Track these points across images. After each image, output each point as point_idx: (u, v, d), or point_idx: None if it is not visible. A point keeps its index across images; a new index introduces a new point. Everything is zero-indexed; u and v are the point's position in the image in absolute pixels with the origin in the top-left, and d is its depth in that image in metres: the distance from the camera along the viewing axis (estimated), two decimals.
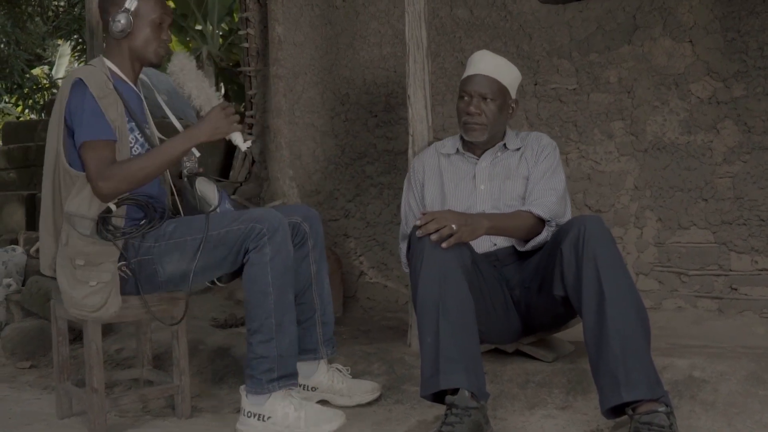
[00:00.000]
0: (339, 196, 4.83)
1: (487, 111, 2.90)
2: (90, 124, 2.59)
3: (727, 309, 3.84)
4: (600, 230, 2.45)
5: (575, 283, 2.45)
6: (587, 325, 2.40)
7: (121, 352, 3.72)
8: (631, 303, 2.36)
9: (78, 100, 2.61)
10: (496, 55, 2.99)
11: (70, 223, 2.58)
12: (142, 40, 2.78)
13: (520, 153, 2.97)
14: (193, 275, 2.67)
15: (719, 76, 3.90)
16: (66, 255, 2.59)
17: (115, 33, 2.75)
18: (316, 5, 4.88)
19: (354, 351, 3.37)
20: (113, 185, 2.57)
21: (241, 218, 2.65)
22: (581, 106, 4.18)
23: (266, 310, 2.62)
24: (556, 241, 2.58)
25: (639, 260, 4.04)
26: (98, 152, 2.58)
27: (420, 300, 2.46)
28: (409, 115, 3.31)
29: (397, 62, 4.62)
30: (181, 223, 2.72)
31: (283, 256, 2.63)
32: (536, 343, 3.10)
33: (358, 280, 4.76)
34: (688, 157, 3.96)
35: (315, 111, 4.90)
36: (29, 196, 6.87)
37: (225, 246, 2.64)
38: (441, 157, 3.08)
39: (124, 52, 2.80)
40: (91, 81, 2.63)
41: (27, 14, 7.39)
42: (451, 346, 2.38)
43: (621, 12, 4.11)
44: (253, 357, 2.64)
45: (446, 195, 2.99)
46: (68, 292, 2.62)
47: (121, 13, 2.74)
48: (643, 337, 2.33)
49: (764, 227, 3.80)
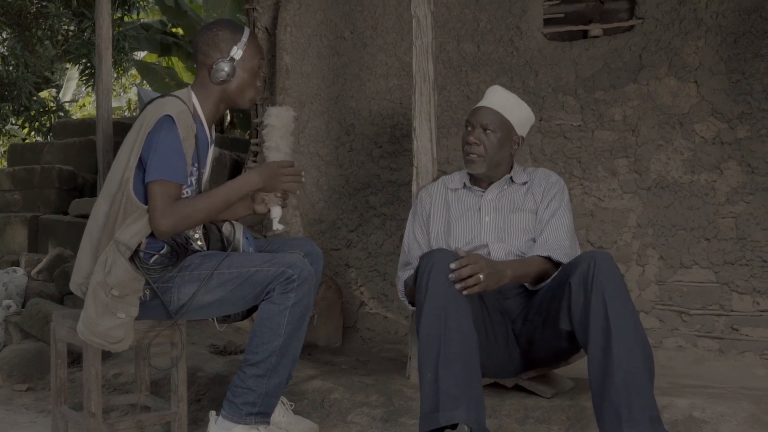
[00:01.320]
0: (341, 225, 4.83)
1: (486, 142, 2.91)
2: (170, 164, 2.58)
3: (728, 349, 3.83)
4: (609, 266, 2.45)
5: (582, 318, 2.44)
6: (592, 359, 2.39)
7: (119, 377, 3.70)
8: (638, 340, 2.35)
9: (164, 136, 2.59)
10: (509, 92, 3.00)
11: (119, 250, 2.56)
12: (239, 87, 2.78)
13: (526, 187, 2.98)
14: (209, 307, 2.67)
15: (724, 117, 3.92)
16: (104, 282, 2.54)
17: (216, 79, 2.74)
18: (324, 36, 4.92)
19: (352, 382, 3.35)
20: (173, 223, 2.56)
21: (273, 260, 2.63)
22: (585, 143, 4.20)
23: (271, 350, 2.61)
24: (564, 276, 2.58)
25: (640, 298, 4.03)
26: (168, 191, 2.57)
27: (422, 333, 2.46)
28: (413, 147, 3.32)
29: (403, 94, 4.65)
30: (207, 257, 2.71)
31: (303, 304, 2.62)
32: (536, 378, 3.08)
33: (359, 311, 4.75)
34: (691, 197, 3.97)
35: (320, 140, 4.92)
36: (32, 218, 6.88)
37: (252, 285, 2.62)
38: (448, 191, 3.10)
39: (215, 94, 2.79)
40: (180, 121, 2.62)
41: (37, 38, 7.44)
42: (452, 381, 2.36)
43: (627, 51, 4.14)
44: (241, 386, 2.64)
45: (451, 226, 3.00)
46: (94, 319, 2.56)
47: (225, 61, 2.73)
48: (648, 375, 2.32)
49: (766, 268, 3.80)
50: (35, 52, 7.47)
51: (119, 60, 7.93)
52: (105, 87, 4.00)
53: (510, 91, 3.01)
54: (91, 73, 7.66)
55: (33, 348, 4.04)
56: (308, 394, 3.25)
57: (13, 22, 7.25)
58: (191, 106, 2.71)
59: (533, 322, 2.76)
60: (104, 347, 2.62)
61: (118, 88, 16.99)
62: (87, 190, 7.41)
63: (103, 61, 3.96)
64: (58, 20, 7.12)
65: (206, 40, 2.78)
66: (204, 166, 2.80)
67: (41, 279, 5.36)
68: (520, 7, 4.40)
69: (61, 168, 7.38)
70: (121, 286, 2.54)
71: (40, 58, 7.57)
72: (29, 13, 7.31)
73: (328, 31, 4.92)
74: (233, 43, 2.75)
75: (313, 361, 3.95)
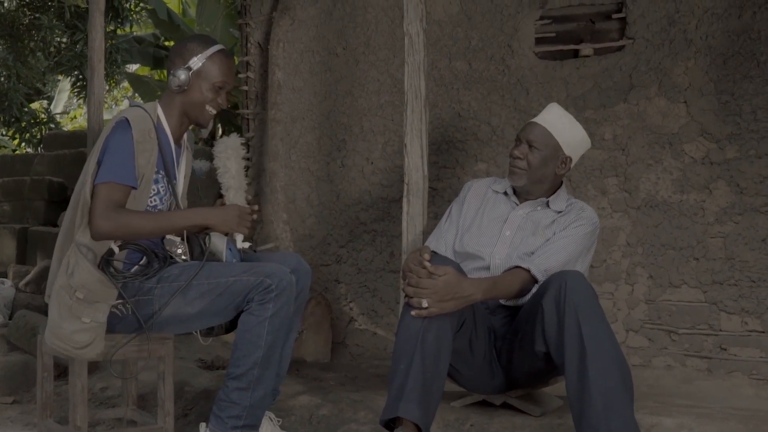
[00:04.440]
0: (332, 241, 4.83)
1: (530, 158, 2.91)
2: (118, 165, 2.61)
3: (716, 369, 3.84)
4: (581, 286, 2.44)
5: (557, 340, 2.44)
6: (569, 381, 2.39)
7: (106, 391, 3.68)
8: (614, 359, 2.34)
9: (117, 138, 2.64)
10: (564, 112, 2.99)
11: (80, 252, 2.56)
12: (196, 99, 2.81)
13: (558, 216, 2.94)
14: (190, 320, 2.66)
15: (713, 138, 3.95)
16: (68, 284, 2.55)
17: (171, 86, 2.78)
18: (316, 52, 4.94)
19: (341, 398, 3.35)
20: (108, 229, 2.57)
21: (252, 270, 2.63)
22: (576, 162, 4.21)
23: (252, 362, 2.60)
24: (536, 297, 2.57)
25: (629, 317, 4.04)
26: (111, 193, 2.58)
27: (403, 328, 2.49)
28: (405, 163, 3.32)
29: (394, 111, 4.66)
30: (186, 268, 2.71)
31: (282, 315, 2.62)
32: (524, 396, 3.08)
33: (348, 327, 4.74)
34: (680, 216, 3.99)
35: (311, 156, 4.92)
36: (21, 230, 6.86)
37: (230, 295, 2.62)
38: (489, 190, 3.11)
39: (176, 105, 2.82)
40: (136, 124, 2.66)
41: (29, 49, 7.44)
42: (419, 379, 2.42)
43: (617, 71, 4.16)
44: (225, 400, 2.64)
45: (473, 224, 3.00)
46: (57, 322, 2.57)
47: (182, 69, 2.77)
48: (626, 394, 2.31)
49: (755, 288, 3.82)
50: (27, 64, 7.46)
51: (111, 72, 7.93)
52: (97, 99, 4.00)
53: (566, 111, 2.99)
54: (82, 85, 7.65)
55: (19, 360, 4.02)
56: (296, 410, 3.24)
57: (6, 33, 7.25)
58: (154, 116, 2.76)
59: (512, 342, 2.76)
60: (69, 353, 2.60)
61: (110, 101, 16.97)
62: None
63: (95, 73, 3.96)
64: (50, 32, 7.12)
65: (175, 49, 2.87)
66: (174, 176, 2.80)
67: (29, 291, 5.33)
68: (511, 26, 4.42)
69: (51, 180, 7.37)
70: (86, 289, 2.54)
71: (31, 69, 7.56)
72: (22, 25, 7.31)
73: (320, 47, 4.93)
74: (195, 53, 2.79)
75: (301, 377, 3.94)
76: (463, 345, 2.68)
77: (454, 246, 3.00)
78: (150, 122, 2.72)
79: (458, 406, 3.18)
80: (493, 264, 2.88)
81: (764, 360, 3.78)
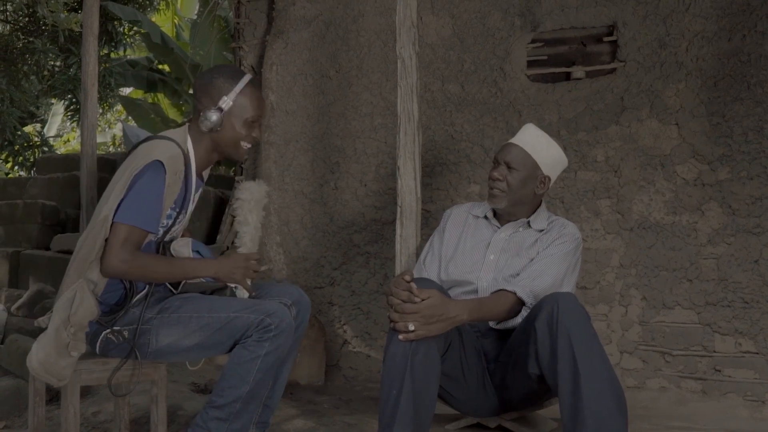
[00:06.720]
0: (325, 263, 4.83)
1: (509, 179, 2.89)
2: (144, 210, 2.53)
3: (710, 390, 3.83)
4: (573, 307, 2.43)
5: (550, 362, 2.43)
6: (563, 404, 2.37)
7: (98, 415, 3.66)
8: (607, 381, 2.33)
9: (148, 180, 2.54)
10: (540, 132, 2.97)
11: (87, 288, 2.51)
12: (230, 137, 2.70)
13: (540, 235, 2.92)
14: (187, 351, 2.64)
15: (705, 159, 3.97)
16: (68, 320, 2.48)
17: (202, 128, 2.67)
18: (309, 75, 4.96)
19: (334, 421, 3.33)
20: (123, 270, 2.51)
21: (254, 306, 2.59)
22: (568, 183, 4.23)
23: (236, 395, 2.57)
24: (529, 320, 2.56)
25: (623, 338, 4.04)
26: (131, 235, 2.52)
27: (390, 353, 2.47)
28: (398, 186, 3.33)
29: (387, 133, 4.67)
30: (188, 300, 2.68)
31: (276, 355, 2.58)
32: (518, 419, 3.07)
33: (341, 349, 4.72)
34: (673, 237, 4.00)
35: (305, 178, 4.93)
36: (14, 253, 6.84)
37: (230, 330, 2.58)
38: (470, 216, 3.10)
39: (206, 141, 2.72)
40: (170, 167, 2.56)
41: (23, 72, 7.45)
42: (411, 403, 2.40)
43: (609, 93, 4.19)
44: (202, 426, 2.58)
45: (457, 252, 3.00)
46: (54, 358, 2.50)
47: (213, 110, 2.66)
48: (620, 416, 2.30)
49: (748, 309, 3.82)
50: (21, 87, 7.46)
51: (105, 96, 7.94)
52: (90, 122, 4.01)
53: (542, 131, 2.97)
54: (76, 108, 7.67)
55: (11, 385, 3.98)
56: None
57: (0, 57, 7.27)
58: (185, 149, 2.66)
59: (505, 364, 2.75)
60: (51, 383, 2.56)
61: (104, 124, 16.99)
62: (70, 225, 7.38)
63: (88, 96, 3.97)
64: (44, 56, 7.13)
65: (201, 85, 2.72)
66: (185, 210, 2.74)
67: (21, 315, 5.30)
68: (503, 48, 4.45)
69: (44, 203, 7.35)
70: (79, 325, 2.50)
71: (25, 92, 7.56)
72: (16, 48, 7.33)
73: (313, 70, 4.95)
74: (225, 92, 2.67)
75: (295, 400, 3.92)
76: (455, 368, 2.67)
77: (440, 276, 2.98)
78: (182, 162, 2.62)
79: (453, 429, 3.16)
80: (480, 288, 2.87)
81: (759, 381, 3.78)
